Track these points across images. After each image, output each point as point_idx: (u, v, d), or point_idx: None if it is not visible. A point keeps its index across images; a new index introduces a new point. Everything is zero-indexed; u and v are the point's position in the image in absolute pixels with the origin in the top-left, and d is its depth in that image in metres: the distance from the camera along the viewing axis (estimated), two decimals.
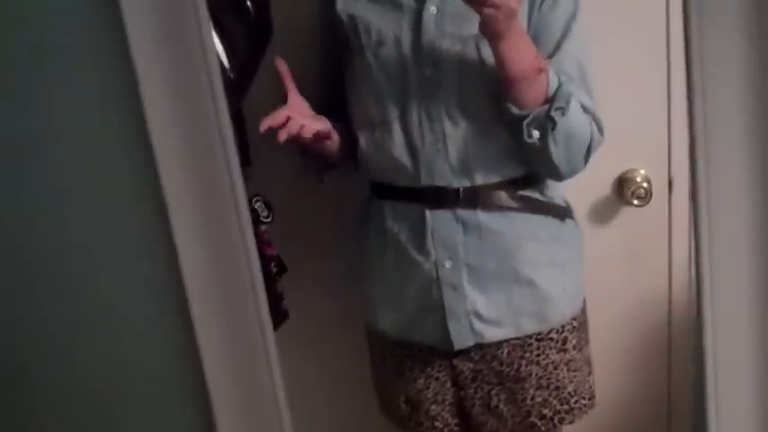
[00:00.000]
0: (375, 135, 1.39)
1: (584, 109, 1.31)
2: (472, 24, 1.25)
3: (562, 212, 1.44)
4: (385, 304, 1.47)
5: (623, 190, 1.67)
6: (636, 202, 1.65)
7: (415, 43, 1.33)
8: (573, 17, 1.33)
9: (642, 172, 1.66)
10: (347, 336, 1.65)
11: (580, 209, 1.69)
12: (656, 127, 1.64)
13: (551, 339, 1.42)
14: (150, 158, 0.91)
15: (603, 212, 1.71)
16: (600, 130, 1.34)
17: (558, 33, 1.32)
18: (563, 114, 1.27)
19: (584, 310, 1.48)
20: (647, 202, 1.65)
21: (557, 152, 1.29)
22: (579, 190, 1.67)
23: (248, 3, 1.24)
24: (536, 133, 1.28)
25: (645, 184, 1.65)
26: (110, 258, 1.01)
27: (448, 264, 1.37)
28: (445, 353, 1.42)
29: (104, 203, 0.99)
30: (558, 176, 1.36)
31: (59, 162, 0.98)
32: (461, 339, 1.40)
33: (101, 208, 0.99)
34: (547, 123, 1.27)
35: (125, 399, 1.07)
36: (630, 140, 1.64)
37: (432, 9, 1.33)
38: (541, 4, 1.32)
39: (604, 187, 1.69)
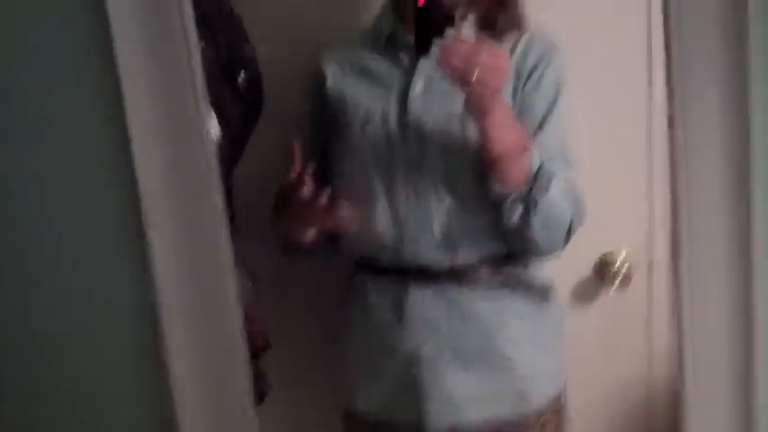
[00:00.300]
0: (360, 210, 1.39)
1: (566, 190, 1.32)
2: (457, 103, 1.27)
3: (544, 292, 1.44)
4: (364, 382, 1.45)
5: (604, 271, 1.68)
6: (617, 284, 1.66)
7: (401, 120, 1.35)
8: (556, 97, 1.35)
9: (623, 254, 1.68)
10: (330, 411, 1.63)
11: (561, 289, 1.69)
12: (637, 209, 1.66)
13: (530, 423, 1.41)
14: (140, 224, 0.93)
15: (585, 293, 1.71)
16: (581, 210, 1.35)
17: (541, 113, 1.34)
18: (545, 194, 1.28)
19: (565, 392, 1.47)
20: (628, 284, 1.67)
21: (538, 231, 1.30)
22: (561, 270, 1.67)
23: (241, 76, 1.27)
24: (518, 212, 1.29)
25: (626, 266, 1.66)
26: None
27: (428, 343, 1.37)
28: None
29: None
30: (538, 253, 1.38)
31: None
32: (439, 420, 1.38)
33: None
34: (529, 203, 1.28)
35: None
36: (612, 222, 1.65)
37: (418, 87, 1.35)
38: (525, 83, 1.34)
39: (586, 268, 1.71)
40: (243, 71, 1.25)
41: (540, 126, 1.34)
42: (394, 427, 1.43)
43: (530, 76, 1.35)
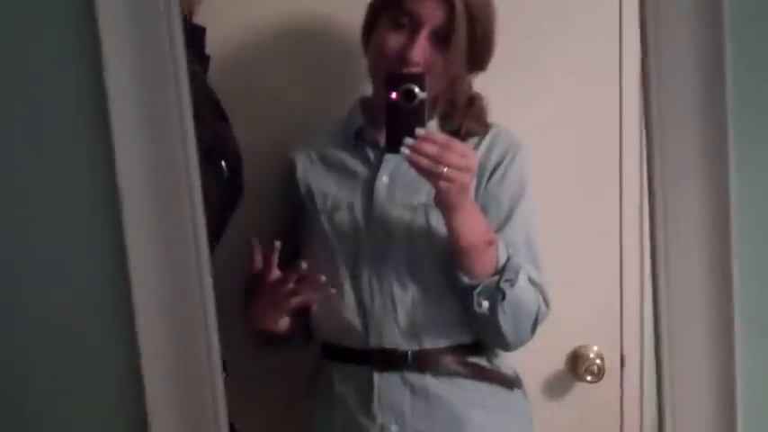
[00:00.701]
0: (325, 294, 1.41)
1: (532, 282, 1.35)
2: (421, 194, 1.33)
3: (510, 382, 1.45)
4: None
5: (576, 366, 1.69)
6: (589, 378, 1.67)
7: (367, 210, 1.39)
8: (521, 191, 1.40)
9: (595, 348, 1.69)
10: None
11: (533, 383, 1.71)
12: (608, 305, 1.68)
13: None
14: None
15: (557, 387, 1.72)
16: (546, 302, 1.38)
17: (505, 208, 1.38)
18: (512, 286, 1.31)
19: None
20: (600, 379, 1.67)
21: (505, 322, 1.33)
22: (533, 364, 1.69)
23: (223, 164, 1.29)
24: (485, 303, 1.32)
25: (598, 361, 1.67)
26: None
27: (394, 428, 1.37)
28: None
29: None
30: (506, 346, 1.39)
31: None
32: None
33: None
34: (496, 294, 1.31)
35: None
36: (584, 317, 1.68)
37: (384, 179, 1.39)
38: (490, 178, 1.39)
39: (558, 362, 1.71)
40: (226, 155, 1.27)
41: (506, 221, 1.38)
42: None
43: (494, 172, 1.39)
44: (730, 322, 0.98)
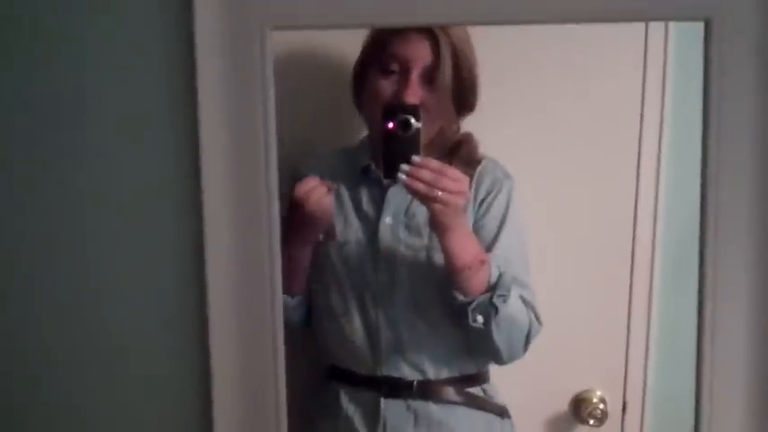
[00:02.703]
0: (337, 322, 1.48)
1: (522, 298, 1.43)
2: (423, 236, 1.42)
3: (501, 411, 1.54)
4: None
5: (579, 409, 1.72)
6: (591, 422, 1.70)
7: (372, 248, 1.46)
8: (504, 216, 1.48)
9: (599, 393, 1.72)
10: None
11: (537, 423, 1.74)
12: (613, 352, 1.71)
13: None
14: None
15: (559, 429, 1.74)
16: (538, 319, 1.46)
17: (492, 233, 1.47)
18: (504, 301, 1.39)
19: None
20: (603, 423, 1.70)
21: (499, 336, 1.40)
22: (536, 407, 1.73)
23: None
24: (480, 318, 1.39)
25: (601, 406, 1.70)
26: None
27: None
28: None
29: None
30: (500, 360, 1.46)
31: None
32: None
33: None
34: (490, 309, 1.38)
35: None
36: (589, 362, 1.71)
37: (387, 220, 1.47)
38: (478, 210, 1.47)
39: (561, 404, 1.74)
40: None
41: (491, 245, 1.46)
42: None
43: (481, 204, 1.48)
44: None
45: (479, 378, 1.52)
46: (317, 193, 1.37)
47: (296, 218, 1.39)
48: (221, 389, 1.04)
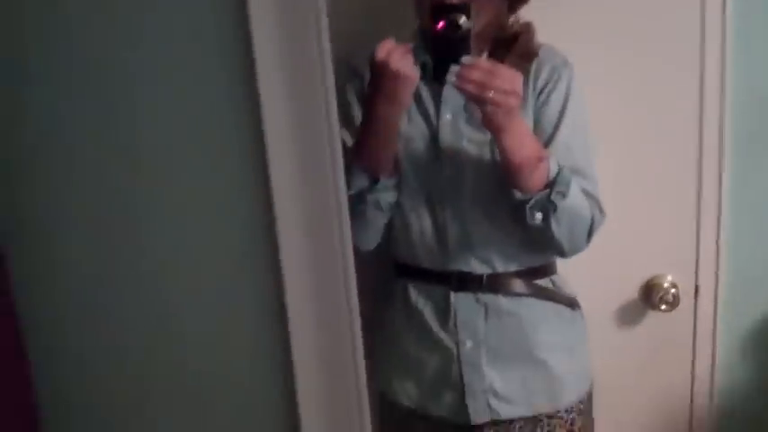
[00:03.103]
0: (405, 218, 1.48)
1: (585, 191, 1.40)
2: (484, 130, 1.35)
3: (571, 302, 1.54)
4: (403, 375, 1.54)
5: (651, 295, 1.72)
6: (663, 307, 1.70)
7: (435, 146, 1.44)
8: (564, 108, 1.43)
9: (669, 278, 1.72)
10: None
11: (607, 311, 1.76)
12: (684, 235, 1.70)
13: (561, 418, 1.50)
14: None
15: (630, 316, 1.75)
16: (601, 210, 1.43)
17: (551, 125, 1.43)
18: (564, 197, 1.36)
19: (590, 397, 1.56)
20: (675, 308, 1.70)
21: (559, 232, 1.38)
22: (606, 294, 1.74)
23: None
24: (539, 215, 1.37)
25: (672, 290, 1.70)
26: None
27: (469, 343, 1.46)
28: (461, 426, 1.49)
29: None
30: (563, 253, 1.45)
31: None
32: (478, 415, 1.48)
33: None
34: (548, 206, 1.36)
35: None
36: (659, 248, 1.71)
37: (447, 116, 1.44)
38: (537, 100, 1.43)
39: (632, 292, 1.75)
40: None
41: (552, 136, 1.42)
42: (433, 419, 1.52)
43: (540, 93, 1.44)
44: None
45: (547, 270, 1.52)
46: (397, 51, 1.34)
47: (382, 83, 1.34)
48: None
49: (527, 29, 1.46)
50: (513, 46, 1.44)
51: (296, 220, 0.97)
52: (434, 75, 1.31)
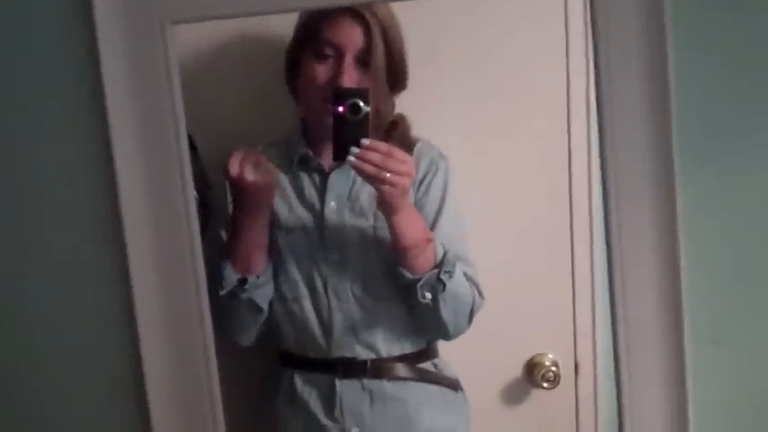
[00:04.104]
0: (288, 308, 1.50)
1: (466, 274, 1.47)
2: (368, 216, 1.45)
3: (454, 384, 1.57)
4: None
5: (533, 373, 1.75)
6: (546, 385, 1.73)
7: (319, 233, 1.48)
8: (443, 199, 1.51)
9: (551, 356, 1.75)
10: None
11: (492, 390, 1.77)
12: (562, 315, 1.73)
13: None
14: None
15: (514, 394, 1.77)
16: (480, 294, 1.49)
17: (432, 214, 1.50)
18: (450, 277, 1.42)
19: None
20: (556, 385, 1.73)
21: (446, 312, 1.44)
22: (491, 372, 1.76)
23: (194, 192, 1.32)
24: (428, 294, 1.43)
25: (553, 368, 1.73)
26: None
27: (355, 430, 1.48)
28: None
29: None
30: (447, 335, 1.50)
31: None
32: None
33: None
34: (437, 285, 1.42)
35: None
36: (539, 327, 1.74)
37: (332, 204, 1.49)
38: (416, 191, 1.50)
39: (515, 370, 1.77)
40: (196, 182, 1.31)
41: (433, 225, 1.49)
42: None
43: (420, 184, 1.50)
44: (680, 330, 1.05)
45: (429, 353, 1.55)
46: (248, 160, 1.37)
47: (242, 196, 1.40)
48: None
49: (402, 118, 1.52)
50: (393, 133, 1.49)
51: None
52: (334, 156, 1.38)
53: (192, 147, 1.36)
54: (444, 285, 1.42)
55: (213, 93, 1.58)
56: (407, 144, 1.51)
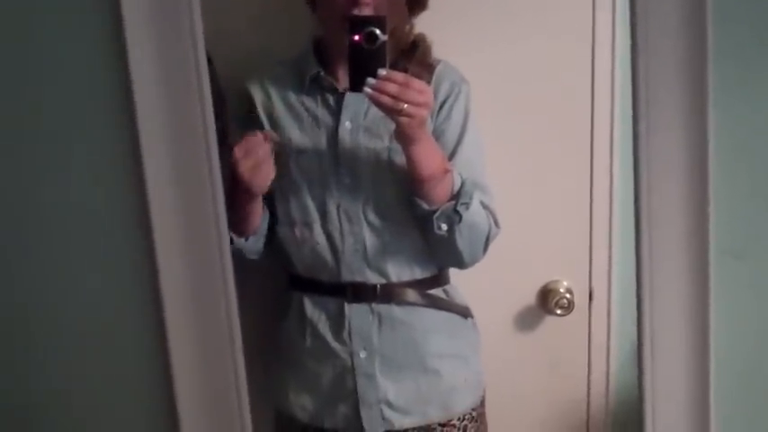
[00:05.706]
0: (297, 233, 1.49)
1: (483, 205, 1.44)
2: (383, 138, 1.41)
3: (463, 311, 1.56)
4: (298, 389, 1.54)
5: (547, 300, 1.75)
6: (559, 312, 1.73)
7: (333, 154, 1.45)
8: (465, 124, 1.47)
9: (565, 283, 1.75)
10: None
11: (505, 317, 1.78)
12: (578, 242, 1.73)
13: (453, 426, 1.52)
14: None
15: (527, 321, 1.78)
16: (496, 223, 1.47)
17: (453, 140, 1.46)
18: (467, 209, 1.40)
19: (483, 403, 1.58)
20: (570, 312, 1.73)
21: (461, 242, 1.42)
22: (504, 299, 1.76)
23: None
24: (444, 226, 1.40)
25: (567, 295, 1.73)
26: None
27: (363, 353, 1.47)
28: None
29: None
30: (461, 264, 1.48)
31: None
32: (372, 426, 1.49)
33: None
34: (454, 217, 1.40)
35: None
36: (554, 254, 1.74)
37: (346, 124, 1.45)
38: (438, 114, 1.46)
39: (529, 297, 1.77)
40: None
41: (454, 151, 1.46)
42: None
43: (441, 108, 1.46)
44: (706, 250, 1.03)
45: (440, 280, 1.53)
46: (251, 156, 1.36)
47: (237, 178, 1.38)
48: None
49: (423, 38, 1.48)
50: (413, 56, 1.46)
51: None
52: (351, 86, 1.33)
53: (209, 61, 1.34)
54: (461, 217, 1.40)
55: (229, 3, 1.56)
56: (427, 66, 1.48)
